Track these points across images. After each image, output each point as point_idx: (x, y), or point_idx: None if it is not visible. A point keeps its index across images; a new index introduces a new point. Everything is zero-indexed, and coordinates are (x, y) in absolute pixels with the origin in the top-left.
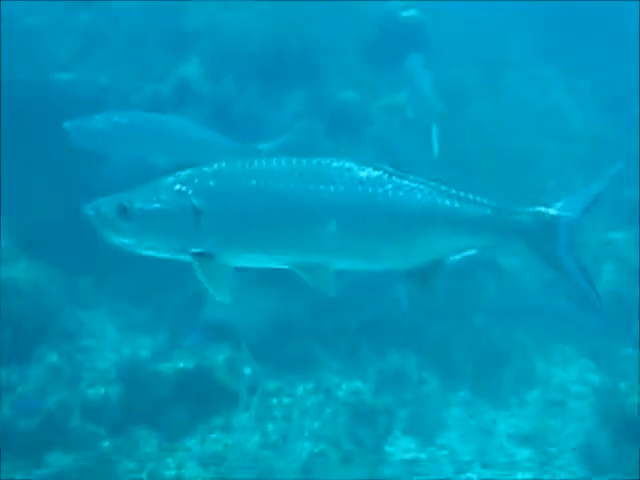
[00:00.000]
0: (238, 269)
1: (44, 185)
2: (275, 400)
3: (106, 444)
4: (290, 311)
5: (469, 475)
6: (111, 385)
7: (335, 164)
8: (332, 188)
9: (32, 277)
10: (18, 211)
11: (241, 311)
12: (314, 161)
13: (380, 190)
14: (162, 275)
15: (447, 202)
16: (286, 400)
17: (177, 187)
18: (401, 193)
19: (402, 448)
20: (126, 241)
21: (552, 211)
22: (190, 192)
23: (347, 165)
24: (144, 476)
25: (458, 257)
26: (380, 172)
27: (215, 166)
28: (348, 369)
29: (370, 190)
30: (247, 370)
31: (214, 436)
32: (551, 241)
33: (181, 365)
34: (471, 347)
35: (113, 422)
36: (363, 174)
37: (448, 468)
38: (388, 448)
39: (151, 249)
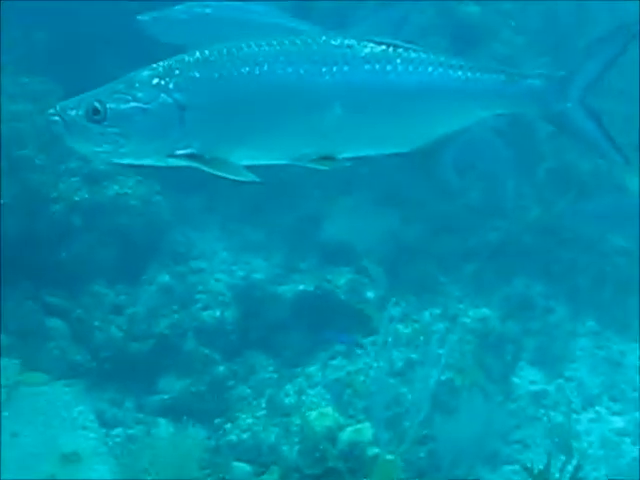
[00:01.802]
0: None
1: None
2: (400, 326)
3: (221, 369)
4: (411, 232)
5: (597, 408)
6: (226, 308)
7: (334, 42)
8: (335, 69)
9: (142, 194)
10: None
11: (361, 232)
12: (310, 40)
13: (389, 67)
14: (275, 193)
15: (460, 72)
16: (412, 326)
17: (155, 81)
18: (411, 67)
19: (528, 379)
20: (99, 149)
21: (562, 72)
22: (171, 85)
23: (347, 42)
24: (262, 403)
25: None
26: (384, 46)
27: (198, 54)
28: (472, 295)
29: (378, 67)
30: (370, 294)
31: (336, 362)
32: (562, 102)
33: (301, 287)
34: (599, 275)
35: (228, 346)
36: (367, 50)
37: (576, 401)
38: (514, 379)
39: (129, 156)
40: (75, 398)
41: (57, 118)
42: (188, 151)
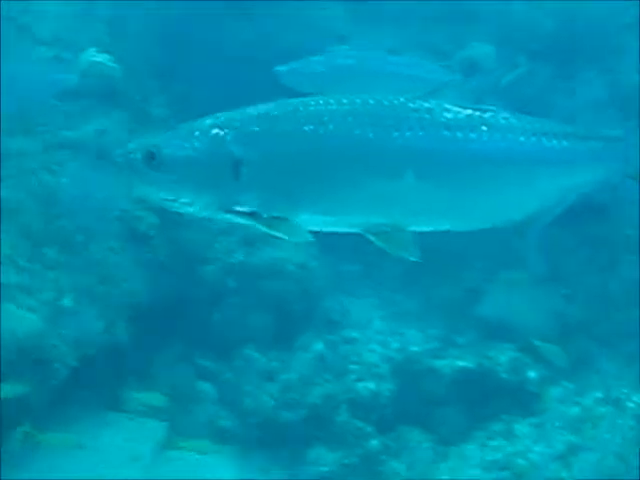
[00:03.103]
0: None
1: None
2: (562, 407)
3: (374, 443)
4: (572, 310)
5: None
6: (382, 380)
7: (412, 104)
8: (409, 134)
9: (298, 259)
10: None
11: (521, 308)
12: (386, 101)
13: (472, 135)
14: (432, 263)
15: (554, 142)
16: (573, 409)
17: (214, 131)
18: (498, 136)
19: None
20: (162, 195)
21: None
22: (229, 137)
23: (427, 105)
24: None
25: (561, 206)
26: (469, 111)
27: (263, 107)
28: (635, 378)
29: (459, 135)
30: (532, 373)
31: (494, 443)
32: None
33: (460, 364)
34: None
35: (382, 420)
36: (448, 115)
37: None
38: None
39: (190, 206)
40: (222, 464)
41: (121, 159)
42: (245, 208)
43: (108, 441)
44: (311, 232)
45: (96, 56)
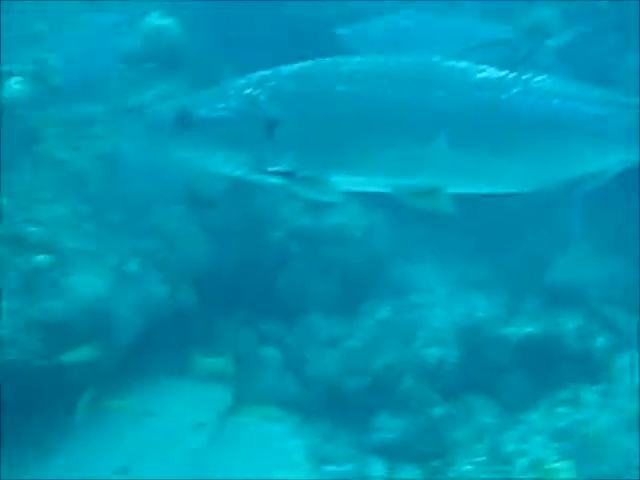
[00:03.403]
0: None
1: None
2: (629, 376)
3: (439, 410)
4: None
5: None
6: (447, 347)
7: (445, 64)
8: (441, 94)
9: (364, 224)
10: None
11: (592, 275)
12: (418, 61)
13: (503, 95)
14: (499, 230)
15: (591, 107)
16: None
17: (248, 91)
18: (531, 99)
19: None
20: (189, 154)
21: None
22: (263, 97)
23: (461, 65)
24: (481, 448)
25: (606, 173)
26: (503, 73)
27: (297, 66)
28: None
29: (489, 95)
30: (600, 341)
31: (560, 410)
32: None
33: (527, 330)
34: None
35: (448, 387)
36: (481, 75)
37: None
38: None
39: (219, 165)
40: (287, 430)
41: (151, 119)
42: (279, 168)
43: (173, 407)
44: (357, 194)
45: (159, 20)
